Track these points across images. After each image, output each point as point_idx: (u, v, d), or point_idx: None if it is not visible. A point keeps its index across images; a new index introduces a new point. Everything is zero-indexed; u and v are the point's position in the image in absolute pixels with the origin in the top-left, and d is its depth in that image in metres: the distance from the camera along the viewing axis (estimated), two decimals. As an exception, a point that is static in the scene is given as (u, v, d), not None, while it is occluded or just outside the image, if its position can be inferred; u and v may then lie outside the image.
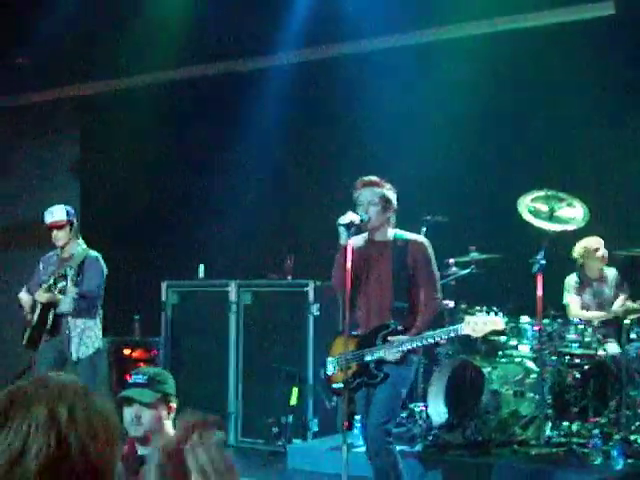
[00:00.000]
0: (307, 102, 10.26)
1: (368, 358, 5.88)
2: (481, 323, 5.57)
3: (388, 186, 6.06)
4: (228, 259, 10.07)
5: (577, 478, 6.90)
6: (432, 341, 5.92)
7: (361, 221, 5.91)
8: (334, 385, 6.10)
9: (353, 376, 5.90)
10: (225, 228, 10.31)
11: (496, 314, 5.62)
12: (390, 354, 5.76)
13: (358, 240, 6.11)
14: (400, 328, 5.85)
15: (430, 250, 6.05)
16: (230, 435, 9.30)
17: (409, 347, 5.78)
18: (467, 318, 5.64)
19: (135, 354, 10.29)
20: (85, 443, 1.65)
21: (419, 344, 5.83)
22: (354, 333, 5.96)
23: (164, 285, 9.89)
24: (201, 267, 9.93)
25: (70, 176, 12.06)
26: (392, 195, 6.05)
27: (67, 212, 7.80)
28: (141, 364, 10.04)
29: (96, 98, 11.67)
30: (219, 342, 9.43)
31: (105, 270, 7.89)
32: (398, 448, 6.22)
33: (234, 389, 9.35)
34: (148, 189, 11.12)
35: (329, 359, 6.19)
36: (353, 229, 5.89)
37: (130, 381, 4.32)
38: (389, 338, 5.81)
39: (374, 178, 6.06)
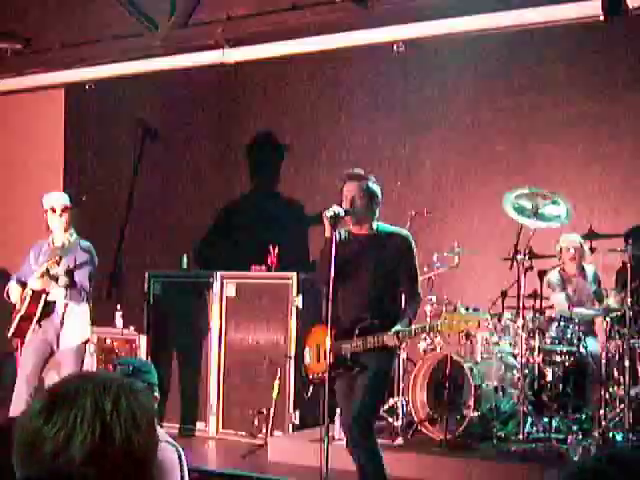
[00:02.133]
0: (293, 91, 10.26)
1: (345, 350, 5.90)
2: (457, 321, 5.64)
3: (373, 179, 6.09)
4: (212, 250, 10.04)
5: (556, 473, 6.93)
6: (408, 335, 5.93)
7: (346, 213, 5.93)
8: (310, 376, 6.14)
9: (331, 367, 5.90)
10: (209, 219, 10.29)
11: (474, 311, 5.68)
12: (388, 339, 5.76)
13: (342, 233, 6.14)
14: (377, 322, 5.87)
15: (413, 244, 6.08)
16: (211, 427, 9.29)
17: (402, 333, 5.77)
18: (444, 315, 5.72)
19: (117, 344, 10.27)
20: (128, 434, 1.69)
21: (397, 338, 5.80)
22: (336, 325, 5.96)
23: (147, 275, 9.89)
24: (184, 258, 9.92)
25: (55, 162, 11.99)
26: (377, 188, 6.08)
27: (70, 197, 7.81)
28: (122, 354, 10.04)
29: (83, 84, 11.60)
30: (201, 333, 9.43)
31: (96, 260, 7.84)
32: (379, 442, 6.26)
33: (215, 381, 9.33)
34: (132, 177, 11.08)
35: (306, 349, 6.24)
36: (338, 222, 5.92)
37: (116, 371, 4.34)
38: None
39: (359, 171, 6.09)
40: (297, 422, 8.90)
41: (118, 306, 10.41)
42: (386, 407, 8.32)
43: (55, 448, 1.67)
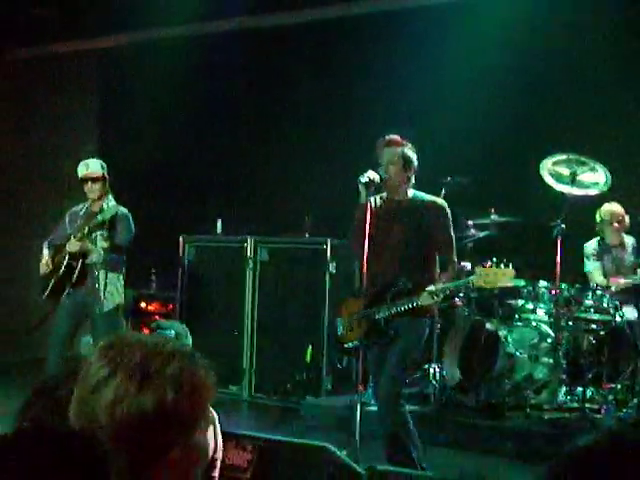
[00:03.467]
0: (331, 57, 10.20)
1: (378, 316, 5.87)
2: (492, 274, 5.52)
3: (409, 146, 6.03)
4: (246, 215, 10.04)
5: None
6: (441, 295, 5.85)
7: (381, 179, 5.89)
8: (345, 345, 6.13)
9: (365, 335, 5.90)
10: (244, 184, 10.28)
11: (506, 266, 5.55)
12: (423, 299, 5.72)
13: (377, 199, 6.10)
14: (410, 286, 5.83)
15: (448, 213, 6.03)
16: (243, 390, 9.35)
17: (435, 292, 5.73)
18: (478, 270, 5.59)
19: (151, 307, 10.34)
20: (162, 396, 1.71)
21: (431, 299, 5.75)
22: (370, 291, 5.95)
23: (182, 239, 9.92)
24: (219, 222, 9.94)
25: (89, 128, 12.06)
26: (412, 155, 6.01)
27: (102, 165, 7.78)
28: (157, 317, 10.11)
29: (117, 50, 11.64)
30: (235, 298, 9.46)
31: (134, 227, 7.86)
32: (411, 408, 6.26)
33: (248, 345, 9.39)
34: (168, 143, 11.11)
35: (339, 319, 6.21)
36: (373, 188, 5.88)
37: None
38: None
39: (395, 137, 6.03)
40: (330, 387, 8.91)
41: (153, 270, 10.49)
42: (419, 373, 8.31)
43: (90, 387, 1.72)
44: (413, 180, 6.07)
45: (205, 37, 10.91)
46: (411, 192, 6.07)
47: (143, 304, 10.41)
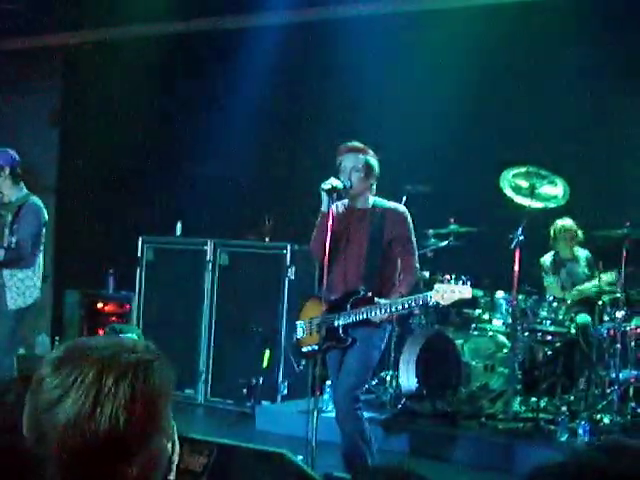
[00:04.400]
0: (292, 65, 10.18)
1: (337, 322, 5.86)
2: (449, 291, 5.51)
3: (371, 153, 6.03)
4: (207, 218, 10.01)
5: (543, 454, 6.89)
6: (400, 308, 5.78)
7: (343, 187, 5.88)
8: (303, 349, 6.12)
9: (323, 340, 5.87)
10: (205, 186, 10.24)
11: (464, 283, 5.58)
12: (376, 315, 5.71)
13: (339, 206, 6.09)
14: (369, 295, 5.82)
15: (409, 219, 6.01)
16: (199, 394, 9.32)
17: (386, 310, 5.72)
18: (436, 286, 5.59)
19: (107, 308, 10.28)
20: (117, 415, 1.65)
21: (388, 311, 5.76)
22: (329, 298, 5.94)
23: (140, 240, 9.84)
24: (179, 224, 9.91)
25: (50, 126, 11.95)
26: (375, 163, 6.00)
27: (3, 156, 7.22)
28: (113, 318, 10.04)
29: (81, 48, 11.55)
30: (193, 301, 9.42)
31: (44, 217, 7.28)
32: (367, 415, 6.26)
33: (205, 348, 9.35)
34: (128, 143, 11.03)
35: (299, 322, 6.21)
36: (335, 195, 5.88)
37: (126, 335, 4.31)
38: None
39: (358, 144, 6.03)
40: (285, 392, 8.92)
41: (110, 270, 10.42)
42: (376, 381, 8.33)
43: (45, 403, 1.66)
44: (374, 187, 6.08)
45: (170, 36, 10.85)
46: (372, 199, 6.06)
47: (99, 304, 10.35)
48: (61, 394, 1.65)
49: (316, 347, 5.93)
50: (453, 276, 5.63)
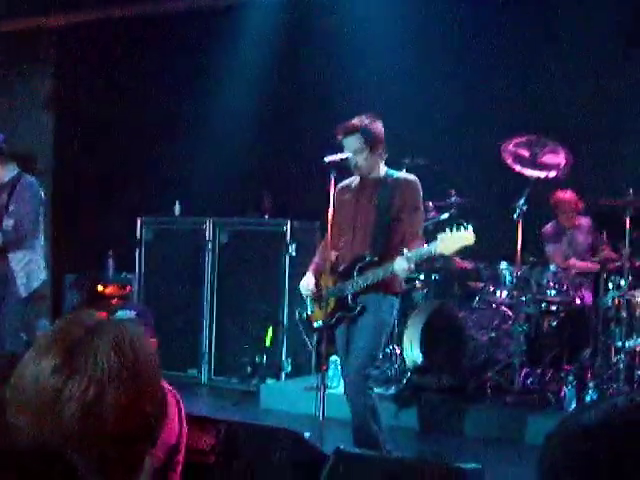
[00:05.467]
0: (290, 41, 10.04)
1: (347, 291, 5.78)
2: (452, 240, 5.39)
3: (368, 121, 5.81)
4: (205, 196, 9.91)
5: (550, 423, 6.84)
6: (418, 260, 5.56)
7: (345, 159, 5.77)
8: (314, 324, 6.02)
9: (332, 312, 5.81)
10: (203, 164, 10.14)
11: (465, 229, 5.43)
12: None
13: (353, 179, 6.03)
14: (376, 259, 5.72)
15: (419, 190, 5.87)
16: (203, 373, 9.26)
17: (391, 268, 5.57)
18: (439, 236, 5.45)
19: (108, 290, 10.20)
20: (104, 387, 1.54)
21: (414, 259, 5.49)
22: (338, 269, 5.89)
23: (139, 221, 9.77)
24: (177, 204, 9.84)
25: (44, 110, 11.83)
26: (375, 129, 5.81)
27: None
28: (114, 301, 9.97)
29: (73, 30, 11.40)
30: (194, 280, 9.34)
31: (40, 195, 7.08)
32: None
33: (208, 327, 9.27)
34: (124, 124, 10.93)
35: (307, 298, 6.10)
36: (339, 167, 5.77)
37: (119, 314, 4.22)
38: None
39: (353, 122, 5.81)
40: (289, 370, 8.89)
41: (110, 252, 10.34)
42: (381, 355, 8.27)
43: (50, 392, 1.53)
44: (385, 153, 5.93)
45: (166, 15, 10.73)
46: (384, 169, 5.94)
47: (100, 287, 10.26)
48: (65, 380, 1.53)
49: (327, 321, 5.83)
50: (454, 223, 5.43)
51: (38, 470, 1.49)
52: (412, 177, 5.98)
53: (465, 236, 5.36)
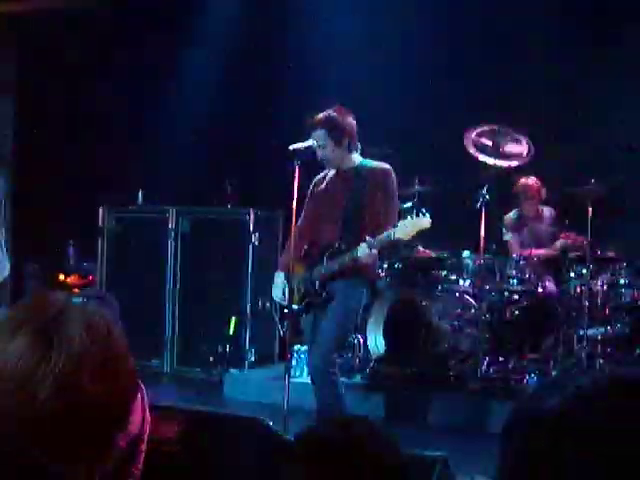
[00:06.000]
0: (251, 21, 9.96)
1: (314, 277, 5.81)
2: (410, 225, 5.40)
3: (334, 115, 5.79)
4: (169, 185, 9.83)
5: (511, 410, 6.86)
6: (381, 244, 5.57)
7: (309, 147, 5.74)
8: (284, 310, 6.00)
9: (300, 300, 5.85)
10: (167, 152, 10.07)
11: (423, 215, 5.45)
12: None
13: (328, 171, 6.07)
14: (344, 247, 5.73)
15: (393, 179, 5.87)
16: (165, 363, 9.23)
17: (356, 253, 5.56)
18: (399, 222, 5.46)
19: (70, 280, 10.11)
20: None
21: (377, 244, 5.52)
22: (308, 256, 5.94)
23: (102, 210, 9.71)
24: (140, 192, 9.75)
25: (4, 95, 11.68)
26: (341, 121, 5.79)
27: None
28: (76, 290, 9.87)
29: (34, 14, 11.25)
30: (156, 270, 9.28)
31: (1, 184, 6.90)
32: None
33: (170, 317, 9.24)
34: (86, 112, 10.80)
35: (277, 284, 6.06)
36: (303, 157, 5.74)
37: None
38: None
39: (317, 117, 5.79)
40: (253, 359, 8.88)
41: (71, 241, 10.24)
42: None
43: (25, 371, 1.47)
44: (355, 142, 5.92)
45: (124, 3, 10.62)
46: (358, 160, 5.95)
47: (61, 276, 10.17)
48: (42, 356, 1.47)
49: (296, 307, 5.86)
50: (414, 211, 5.46)
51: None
52: (386, 166, 5.96)
53: (422, 221, 5.38)
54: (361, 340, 8.08)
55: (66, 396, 1.46)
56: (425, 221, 5.39)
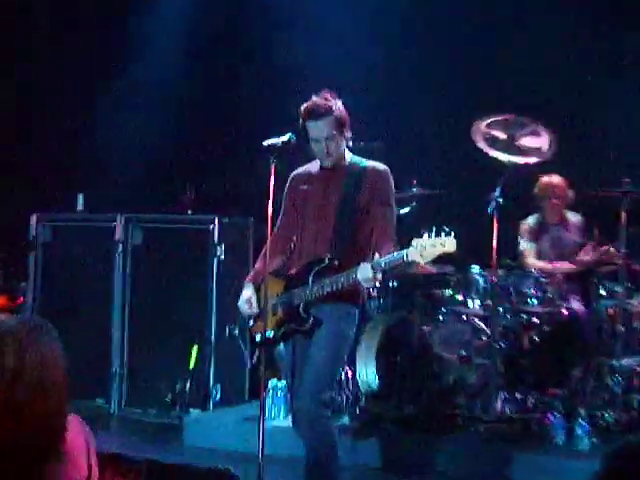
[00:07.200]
0: (216, 11, 10.17)
1: (298, 299, 5.64)
2: (430, 245, 5.23)
3: (334, 101, 5.73)
4: (115, 188, 9.81)
5: (539, 460, 6.81)
6: (387, 267, 5.32)
7: (288, 141, 5.61)
8: (256, 338, 5.84)
9: (279, 324, 5.68)
10: (113, 151, 10.04)
11: (447, 235, 5.29)
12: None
13: (310, 166, 5.95)
14: (336, 264, 5.57)
15: (390, 181, 5.80)
16: (113, 402, 9.19)
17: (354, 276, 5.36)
18: (414, 241, 5.30)
19: (-5, 302, 9.99)
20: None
21: (382, 266, 5.28)
22: (287, 272, 5.81)
23: (33, 218, 9.68)
24: (80, 197, 9.72)
25: None
26: (342, 108, 5.76)
27: None
28: (2, 316, 9.70)
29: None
30: (101, 289, 9.29)
31: None
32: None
33: (119, 347, 9.25)
34: (18, 105, 10.76)
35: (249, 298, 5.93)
36: (277, 152, 5.62)
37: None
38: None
39: (324, 103, 5.70)
40: (218, 398, 8.81)
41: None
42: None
43: None
44: (350, 138, 5.87)
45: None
46: (349, 156, 5.87)
47: (-15, 297, 10.07)
48: None
49: (271, 334, 5.68)
50: (433, 228, 5.30)
51: None
52: (382, 166, 5.87)
53: (445, 244, 5.16)
54: (349, 373, 7.99)
55: None
56: (449, 243, 5.14)
